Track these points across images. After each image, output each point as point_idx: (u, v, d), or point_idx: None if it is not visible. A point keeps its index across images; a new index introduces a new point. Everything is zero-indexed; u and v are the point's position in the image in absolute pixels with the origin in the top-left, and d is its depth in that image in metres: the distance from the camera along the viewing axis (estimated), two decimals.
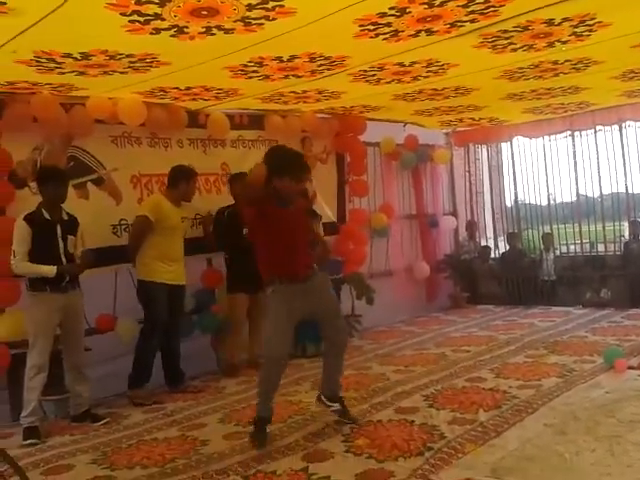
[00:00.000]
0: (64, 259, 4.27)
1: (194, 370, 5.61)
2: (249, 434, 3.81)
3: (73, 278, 4.35)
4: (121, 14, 3.12)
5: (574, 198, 8.57)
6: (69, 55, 3.72)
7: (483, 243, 9.29)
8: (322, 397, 4.12)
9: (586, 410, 3.94)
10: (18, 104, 4.57)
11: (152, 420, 4.46)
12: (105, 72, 4.20)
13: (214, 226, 5.65)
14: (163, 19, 3.25)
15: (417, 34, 3.94)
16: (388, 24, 3.69)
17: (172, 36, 3.53)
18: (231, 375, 5.51)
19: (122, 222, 5.24)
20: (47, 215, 4.25)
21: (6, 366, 4.48)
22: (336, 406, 4.07)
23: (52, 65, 3.90)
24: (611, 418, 3.76)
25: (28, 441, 4.05)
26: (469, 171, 9.23)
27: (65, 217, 4.36)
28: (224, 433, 4.04)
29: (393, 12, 3.49)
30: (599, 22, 4.03)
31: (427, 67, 4.90)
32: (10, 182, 4.61)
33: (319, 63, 4.45)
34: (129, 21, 3.22)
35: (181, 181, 5.08)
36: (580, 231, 8.48)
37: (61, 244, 4.27)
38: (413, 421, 3.95)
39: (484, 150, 9.27)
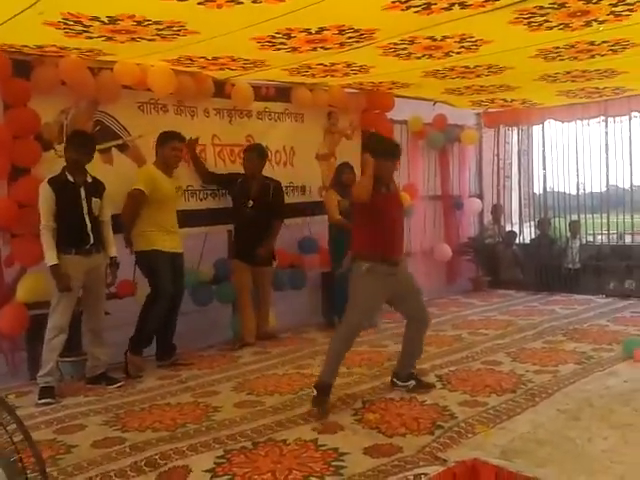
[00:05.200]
0: (88, 221, 4.33)
1: (212, 339, 5.67)
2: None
3: (97, 241, 4.40)
4: None
5: (604, 188, 8.35)
6: (97, 18, 3.70)
7: (508, 228, 9.16)
8: (395, 380, 4.23)
9: (602, 398, 3.89)
10: (46, 67, 4.59)
11: (166, 386, 4.50)
12: (133, 39, 4.19)
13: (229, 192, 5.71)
14: None
15: (450, 7, 3.83)
16: None
17: (199, 4, 3.50)
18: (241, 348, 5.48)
19: None
20: (71, 178, 4.31)
21: (24, 327, 4.56)
22: (412, 383, 4.18)
23: (79, 28, 3.89)
24: (626, 407, 3.72)
25: (43, 400, 4.13)
26: (498, 154, 9.07)
27: (89, 180, 4.41)
28: (236, 401, 4.08)
29: None
30: None
31: (460, 42, 4.75)
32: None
33: (348, 35, 4.37)
34: None
35: (158, 147, 4.98)
36: (608, 222, 8.27)
37: (85, 206, 4.32)
38: (425, 401, 3.95)
39: (514, 133, 9.06)
